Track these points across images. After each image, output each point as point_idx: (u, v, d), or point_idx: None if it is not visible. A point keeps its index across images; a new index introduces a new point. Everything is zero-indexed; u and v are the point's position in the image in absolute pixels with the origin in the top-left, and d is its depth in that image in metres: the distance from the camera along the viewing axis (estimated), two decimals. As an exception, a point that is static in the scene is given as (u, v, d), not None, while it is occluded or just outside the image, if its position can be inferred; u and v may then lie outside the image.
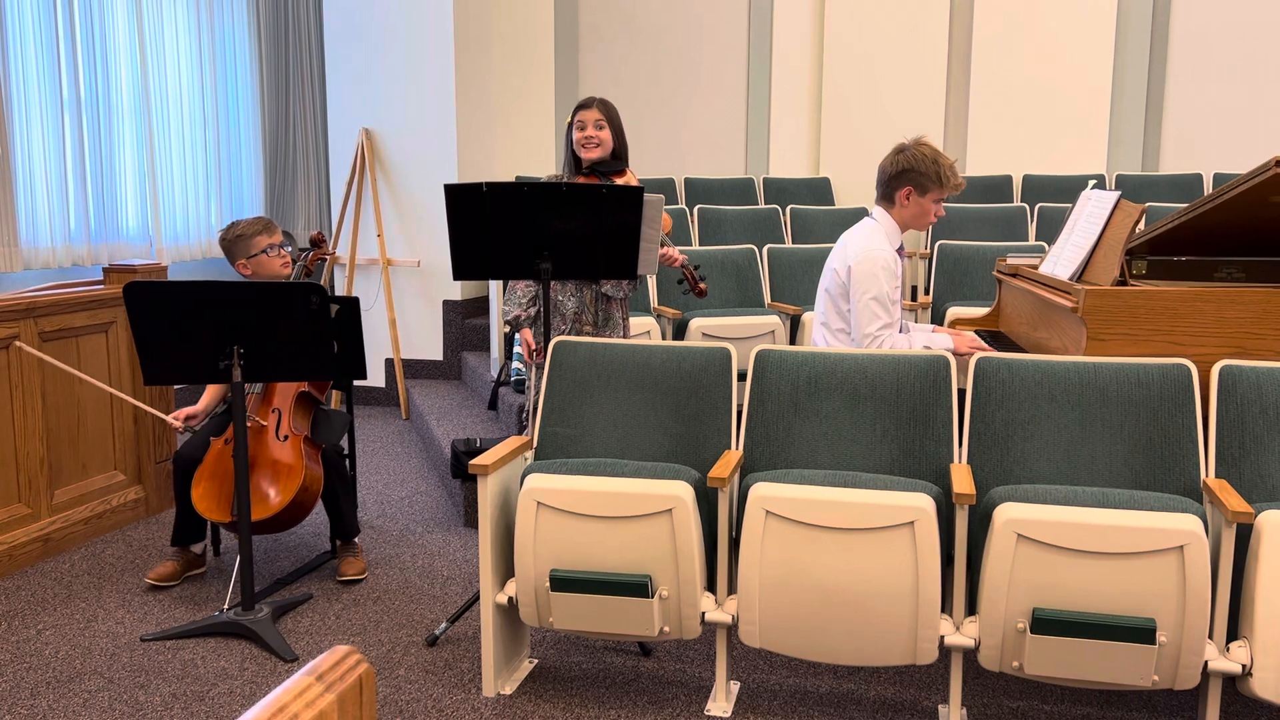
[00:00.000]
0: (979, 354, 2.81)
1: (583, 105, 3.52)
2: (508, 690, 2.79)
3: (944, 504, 2.54)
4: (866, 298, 3.19)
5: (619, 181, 3.47)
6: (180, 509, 3.48)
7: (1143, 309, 2.80)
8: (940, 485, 2.65)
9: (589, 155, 3.50)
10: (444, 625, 3.09)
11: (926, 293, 5.37)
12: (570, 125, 3.55)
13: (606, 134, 3.50)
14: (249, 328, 2.98)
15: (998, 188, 6.73)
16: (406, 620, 3.23)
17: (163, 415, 3.57)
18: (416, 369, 6.18)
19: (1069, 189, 6.47)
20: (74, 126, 5.21)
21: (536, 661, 2.97)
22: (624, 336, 3.65)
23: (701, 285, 3.65)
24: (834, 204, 6.93)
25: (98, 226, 5.40)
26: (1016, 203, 6.52)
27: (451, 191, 2.99)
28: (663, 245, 3.58)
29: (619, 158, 3.56)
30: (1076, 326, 2.90)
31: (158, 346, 3.01)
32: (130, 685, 2.81)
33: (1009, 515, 2.36)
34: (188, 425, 3.54)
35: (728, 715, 2.67)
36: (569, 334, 3.54)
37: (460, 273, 3.11)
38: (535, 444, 2.96)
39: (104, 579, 3.55)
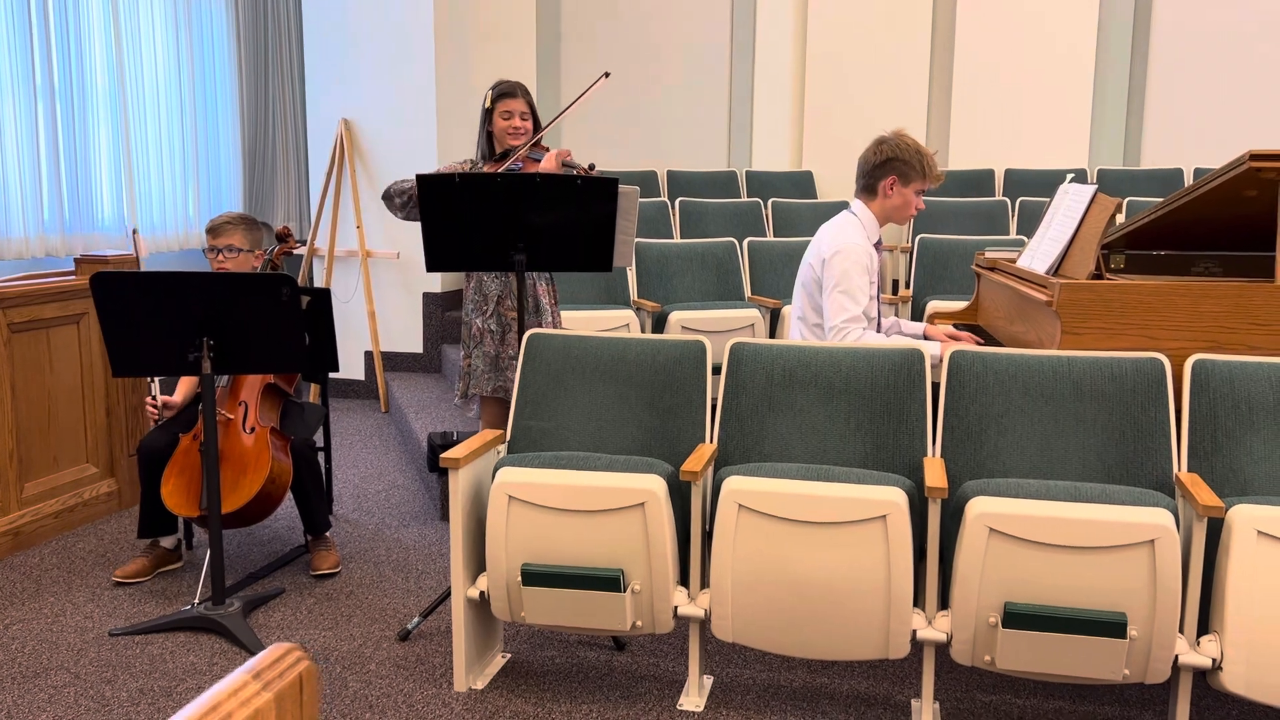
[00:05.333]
0: (953, 346, 2.80)
1: (505, 94, 3.51)
2: (479, 685, 2.77)
3: (917, 498, 2.53)
4: (836, 291, 3.18)
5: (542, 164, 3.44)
6: (145, 500, 3.44)
7: (1117, 303, 2.80)
8: (914, 479, 2.64)
9: (515, 143, 3.51)
10: (416, 620, 3.07)
11: (907, 286, 5.37)
12: (490, 111, 3.53)
13: (530, 123, 3.53)
14: (219, 319, 2.95)
15: (979, 182, 6.73)
16: (379, 615, 3.21)
17: (156, 388, 3.50)
18: (396, 361, 6.14)
19: (1051, 183, 6.47)
20: (47, 114, 5.14)
21: (509, 656, 2.95)
22: (554, 325, 3.64)
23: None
24: (816, 197, 6.92)
25: (72, 217, 5.35)
26: (998, 197, 6.52)
27: (424, 182, 2.96)
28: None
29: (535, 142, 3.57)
30: (1051, 320, 2.89)
31: (126, 338, 2.97)
32: (97, 680, 2.78)
33: (980, 509, 2.36)
34: (162, 413, 3.50)
35: (700, 710, 2.65)
36: (490, 317, 3.53)
37: (434, 264, 3.08)
38: (509, 437, 2.94)
39: (74, 573, 3.51)
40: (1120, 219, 4.34)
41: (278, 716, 0.92)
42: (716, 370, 2.89)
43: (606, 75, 3.62)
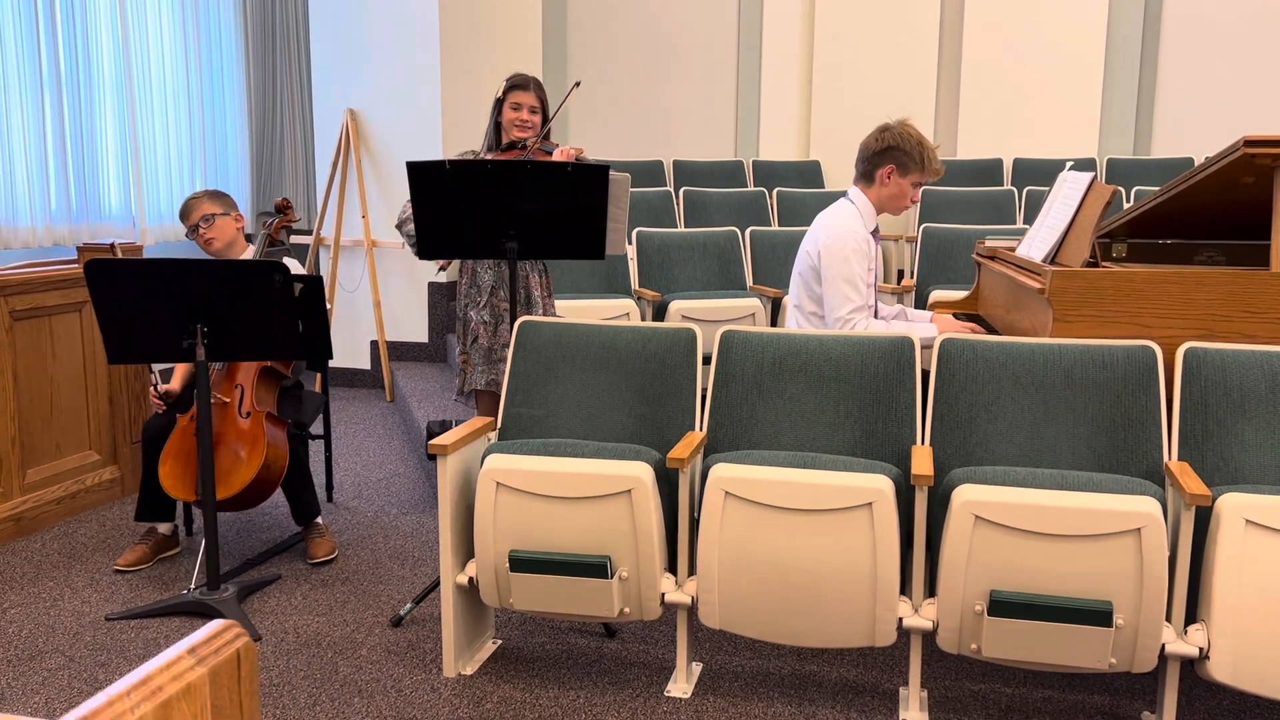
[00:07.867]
0: (947, 334, 2.78)
1: (518, 85, 3.49)
2: (469, 670, 2.78)
3: (904, 486, 2.52)
4: (838, 281, 3.16)
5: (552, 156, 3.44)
6: (145, 483, 3.47)
7: (1110, 290, 2.77)
8: (903, 467, 2.63)
9: (521, 135, 3.50)
10: (408, 606, 3.09)
11: (911, 276, 5.34)
12: (501, 101, 3.51)
13: (539, 118, 3.52)
14: (212, 306, 2.96)
15: (988, 171, 6.68)
16: (374, 601, 3.23)
17: (156, 379, 3.54)
18: (401, 351, 6.16)
19: (1059, 173, 6.42)
20: (54, 103, 5.18)
21: (500, 642, 2.96)
22: (547, 316, 3.63)
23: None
24: (824, 187, 6.89)
25: (79, 206, 5.38)
26: (1006, 186, 6.48)
27: (414, 169, 2.97)
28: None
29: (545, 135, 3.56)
30: (1044, 308, 2.87)
31: (120, 325, 2.99)
32: (91, 664, 2.81)
33: (966, 497, 2.35)
34: (165, 402, 3.54)
35: (687, 696, 2.66)
36: (484, 309, 3.54)
37: (425, 253, 3.08)
38: (499, 425, 2.95)
39: (74, 559, 3.54)
40: (1127, 204, 4.29)
41: (212, 691, 0.92)
42: (709, 360, 2.88)
43: (577, 85, 3.64)
